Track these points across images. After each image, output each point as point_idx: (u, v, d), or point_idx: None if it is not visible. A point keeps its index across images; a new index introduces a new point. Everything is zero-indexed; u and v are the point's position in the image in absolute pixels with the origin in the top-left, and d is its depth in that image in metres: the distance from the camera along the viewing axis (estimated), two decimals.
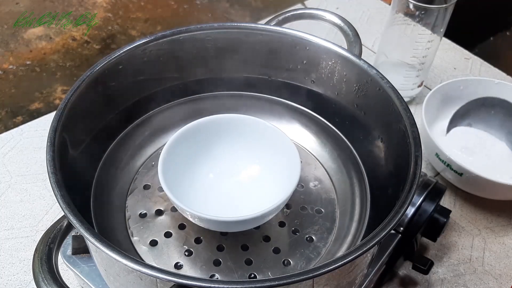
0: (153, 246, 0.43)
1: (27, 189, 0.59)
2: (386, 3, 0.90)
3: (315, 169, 0.49)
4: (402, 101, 0.42)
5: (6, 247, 0.54)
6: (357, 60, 0.46)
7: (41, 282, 0.34)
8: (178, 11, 0.99)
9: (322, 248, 0.43)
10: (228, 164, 0.47)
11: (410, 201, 0.35)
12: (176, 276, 0.30)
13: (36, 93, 0.76)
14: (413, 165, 0.38)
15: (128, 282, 0.35)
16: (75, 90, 0.42)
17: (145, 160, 0.49)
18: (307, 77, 0.51)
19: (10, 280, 0.51)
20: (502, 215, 0.60)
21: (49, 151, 0.37)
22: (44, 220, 0.56)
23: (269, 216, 0.42)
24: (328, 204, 0.46)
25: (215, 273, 0.41)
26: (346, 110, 0.49)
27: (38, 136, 0.65)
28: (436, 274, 0.54)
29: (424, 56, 0.66)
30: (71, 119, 0.40)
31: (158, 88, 0.50)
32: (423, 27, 0.62)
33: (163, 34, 0.47)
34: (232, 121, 0.46)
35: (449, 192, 0.61)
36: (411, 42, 0.64)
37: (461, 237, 0.57)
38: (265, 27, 0.49)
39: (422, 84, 0.71)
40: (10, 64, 0.81)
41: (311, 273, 0.31)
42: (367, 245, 0.32)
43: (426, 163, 0.63)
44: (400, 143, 0.41)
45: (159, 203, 0.46)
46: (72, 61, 0.83)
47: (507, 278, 0.54)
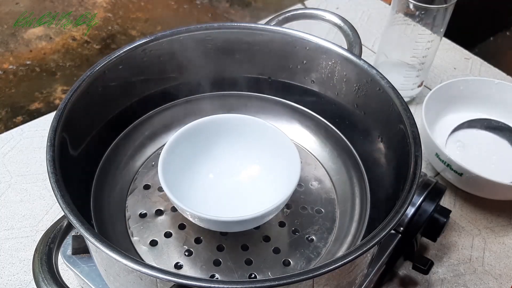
0: (153, 246, 0.43)
1: (27, 189, 0.59)
2: (386, 3, 0.90)
3: (315, 169, 0.49)
4: (402, 101, 0.42)
5: (6, 247, 0.54)
6: (357, 60, 0.46)
7: (41, 282, 0.34)
8: (178, 11, 0.99)
9: (322, 248, 0.43)
10: (228, 164, 0.47)
11: (410, 201, 0.35)
12: (176, 276, 0.30)
13: (36, 93, 0.76)
14: (413, 165, 0.38)
15: (128, 282, 0.35)
16: (75, 90, 0.42)
17: (145, 160, 0.49)
18: (307, 77, 0.51)
19: (10, 280, 0.51)
20: (502, 215, 0.60)
21: (49, 151, 0.37)
22: (44, 220, 0.56)
23: (269, 216, 0.42)
24: (328, 204, 0.46)
25: (215, 273, 0.41)
26: (346, 110, 0.49)
27: (38, 136, 0.65)
28: (436, 274, 0.54)
29: (424, 56, 0.66)
30: (71, 119, 0.40)
31: (158, 88, 0.50)
32: (423, 27, 0.62)
33: (163, 34, 0.47)
34: (232, 121, 0.46)
35: (449, 192, 0.61)
36: (411, 42, 0.64)
37: (461, 237, 0.57)
38: (265, 27, 0.49)
39: (422, 84, 0.71)
40: (10, 64, 0.81)
41: (311, 273, 0.31)
42: (367, 245, 0.32)
43: (426, 163, 0.63)
44: (400, 143, 0.41)
45: (159, 203, 0.46)
46: (72, 61, 0.83)
47: (507, 278, 0.54)
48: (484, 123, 0.64)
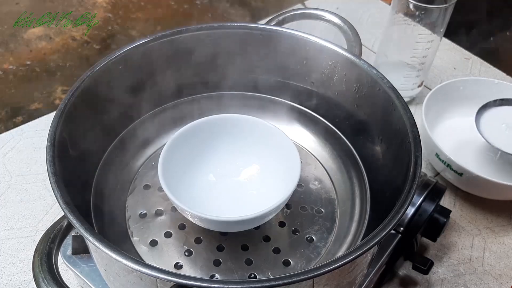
0: (153, 246, 0.43)
1: (27, 189, 0.59)
2: (386, 3, 0.90)
3: (315, 169, 0.49)
4: (402, 101, 0.42)
5: (6, 247, 0.54)
6: (357, 60, 0.46)
7: (41, 282, 0.34)
8: (178, 11, 0.99)
9: (322, 248, 0.43)
10: (228, 164, 0.47)
11: (410, 201, 0.35)
12: (176, 276, 0.30)
13: (36, 93, 0.76)
14: (413, 165, 0.38)
15: (128, 282, 0.35)
16: (75, 90, 0.42)
17: (145, 160, 0.49)
18: (307, 77, 0.51)
19: (10, 280, 0.51)
20: (502, 215, 0.60)
21: (49, 151, 0.37)
22: (44, 220, 0.56)
23: (269, 216, 0.42)
24: (328, 204, 0.46)
25: (215, 273, 0.41)
26: (346, 110, 0.49)
27: (38, 136, 0.65)
28: (436, 274, 0.54)
29: (424, 56, 0.66)
30: (71, 119, 0.40)
31: (158, 88, 0.50)
32: (423, 27, 0.62)
33: (163, 34, 0.47)
34: (232, 121, 0.46)
35: (449, 192, 0.61)
36: (411, 42, 0.64)
37: (461, 237, 0.57)
38: (265, 27, 0.49)
39: (422, 84, 0.71)
40: (10, 64, 0.81)
41: (311, 273, 0.31)
42: (367, 245, 0.32)
43: (426, 163, 0.63)
44: (400, 143, 0.41)
45: (159, 203, 0.46)
46: (72, 61, 0.83)
47: (507, 278, 0.54)
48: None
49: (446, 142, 0.61)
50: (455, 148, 0.62)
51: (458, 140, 0.64)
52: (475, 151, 0.62)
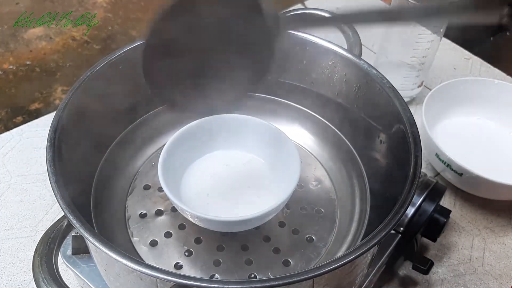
0: (153, 246, 0.43)
1: (27, 189, 0.59)
2: (386, 3, 0.90)
3: (315, 169, 0.49)
4: (402, 101, 0.42)
5: (6, 247, 0.54)
6: (357, 60, 0.46)
7: (41, 282, 0.34)
8: None
9: (322, 248, 0.43)
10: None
11: (410, 201, 0.35)
12: (176, 276, 0.30)
13: (36, 93, 0.76)
14: (413, 165, 0.38)
15: (128, 282, 0.35)
16: (75, 90, 0.42)
17: (145, 160, 0.49)
18: (307, 77, 0.51)
19: (10, 280, 0.51)
20: (502, 215, 0.59)
21: (49, 151, 0.37)
22: (44, 220, 0.56)
23: (269, 216, 0.42)
24: (328, 204, 0.46)
25: (215, 273, 0.41)
26: (346, 110, 0.49)
27: (38, 136, 0.65)
28: (436, 274, 0.54)
29: (424, 56, 0.66)
30: (71, 119, 0.40)
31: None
32: (423, 27, 0.62)
33: None
34: (232, 121, 0.46)
35: (449, 192, 0.61)
36: (411, 42, 0.64)
37: (461, 237, 0.57)
38: None
39: (422, 84, 0.71)
40: (10, 64, 0.81)
41: (311, 273, 0.31)
42: (367, 245, 0.32)
43: (426, 163, 0.63)
44: (400, 143, 0.41)
45: (159, 203, 0.46)
46: (72, 61, 0.83)
47: (507, 278, 0.54)
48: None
49: (446, 142, 0.61)
50: (455, 148, 0.62)
51: (458, 140, 0.64)
52: (475, 151, 0.62)
